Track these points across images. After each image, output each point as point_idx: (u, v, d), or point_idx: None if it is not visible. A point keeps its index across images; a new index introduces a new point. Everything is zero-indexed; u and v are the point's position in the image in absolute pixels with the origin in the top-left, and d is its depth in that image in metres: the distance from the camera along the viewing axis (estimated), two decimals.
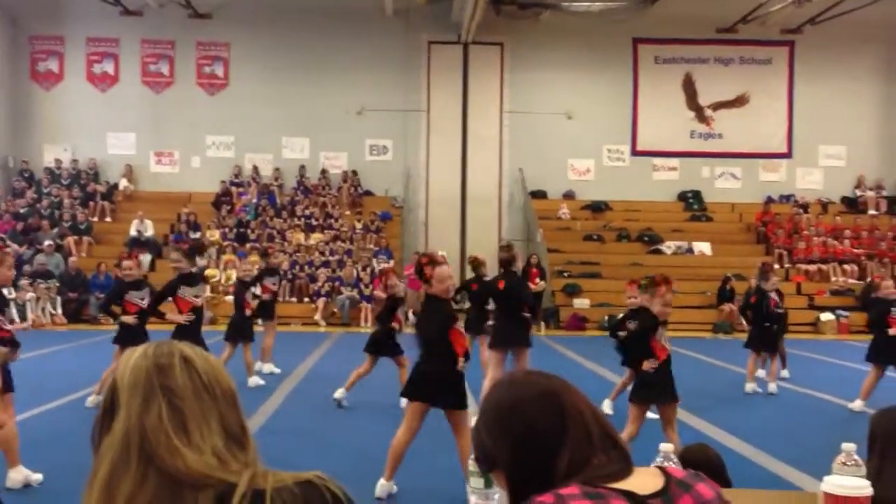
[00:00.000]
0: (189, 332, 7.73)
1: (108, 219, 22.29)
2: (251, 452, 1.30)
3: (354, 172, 23.31)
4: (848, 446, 2.44)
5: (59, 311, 18.85)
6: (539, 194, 23.31)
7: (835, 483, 2.24)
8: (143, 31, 23.07)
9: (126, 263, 8.99)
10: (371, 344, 9.04)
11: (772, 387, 10.27)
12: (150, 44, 23.28)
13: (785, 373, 11.37)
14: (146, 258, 20.91)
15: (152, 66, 23.37)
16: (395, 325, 8.97)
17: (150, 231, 21.44)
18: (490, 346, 8.79)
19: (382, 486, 5.60)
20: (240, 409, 1.34)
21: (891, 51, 23.64)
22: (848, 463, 2.41)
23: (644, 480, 1.42)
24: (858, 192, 23.75)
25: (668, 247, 21.88)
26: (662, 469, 1.48)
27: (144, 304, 8.48)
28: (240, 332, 10.43)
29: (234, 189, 22.89)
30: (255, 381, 10.20)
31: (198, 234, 21.32)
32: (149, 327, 8.51)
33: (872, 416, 3.33)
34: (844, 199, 23.78)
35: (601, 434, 1.45)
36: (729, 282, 19.16)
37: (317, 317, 19.18)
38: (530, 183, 23.24)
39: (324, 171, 23.26)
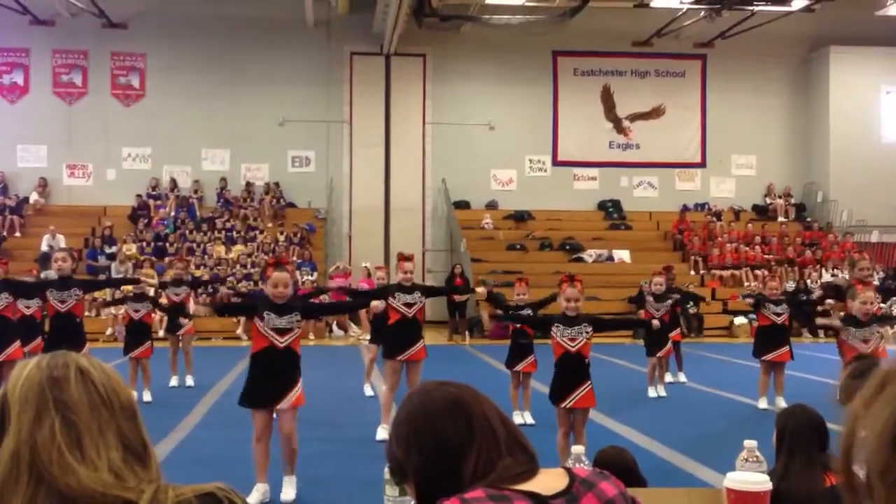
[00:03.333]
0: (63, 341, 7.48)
1: (17, 234, 21.51)
2: (153, 468, 1.25)
3: (276, 184, 23.05)
4: (749, 443, 2.55)
5: None
6: (462, 204, 23.47)
7: (737, 479, 2.33)
8: (55, 40, 22.39)
9: None
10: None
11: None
12: (61, 54, 22.61)
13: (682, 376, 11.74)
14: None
15: (64, 77, 22.69)
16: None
17: (62, 246, 20.74)
18: (386, 355, 8.79)
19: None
20: (140, 422, 1.29)
21: (795, 63, 24.67)
22: (749, 459, 2.51)
23: (548, 481, 1.47)
24: (768, 200, 24.66)
25: (590, 255, 22.29)
26: (567, 469, 1.53)
27: None
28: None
29: (151, 202, 22.37)
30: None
31: (114, 249, 20.76)
32: None
33: (778, 414, 3.47)
34: (755, 207, 24.65)
35: (508, 438, 1.50)
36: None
37: (238, 331, 18.85)
38: (453, 193, 23.38)
39: (248, 184, 22.95)
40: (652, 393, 10.54)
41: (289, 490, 5.95)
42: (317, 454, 7.03)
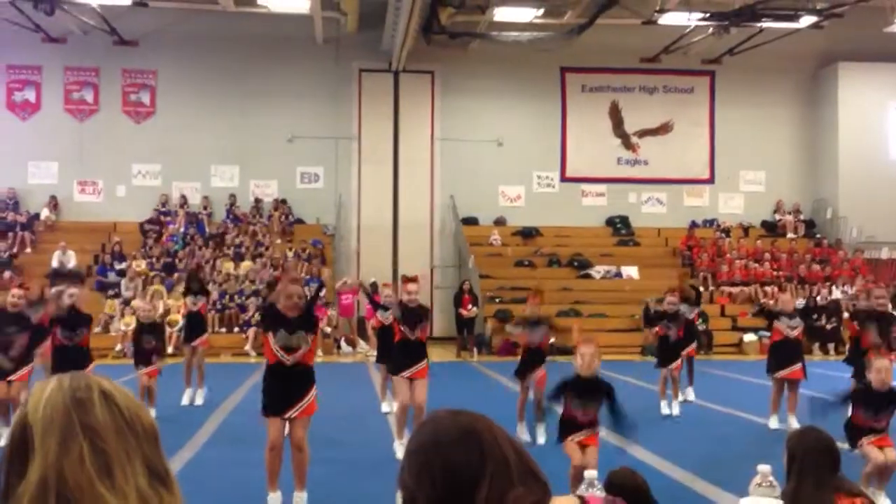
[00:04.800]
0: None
1: (28, 250, 21.62)
2: (176, 493, 1.23)
3: (284, 201, 23.12)
4: (763, 468, 2.54)
5: None
6: (470, 221, 23.48)
7: None
8: (67, 58, 22.58)
9: (15, 292, 8.48)
10: None
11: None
12: (73, 71, 22.79)
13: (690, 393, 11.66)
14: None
15: (76, 94, 22.86)
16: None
17: (72, 262, 20.84)
18: (392, 372, 8.79)
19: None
20: (161, 446, 1.27)
21: (803, 80, 24.67)
22: (763, 484, 2.50)
23: None
24: (777, 216, 24.60)
25: (598, 271, 22.26)
26: (581, 498, 1.52)
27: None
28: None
29: (161, 218, 22.47)
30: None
31: (123, 265, 20.84)
32: None
33: (789, 436, 3.45)
34: (764, 223, 24.58)
35: (520, 467, 1.48)
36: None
37: (247, 347, 18.87)
38: (462, 209, 23.40)
39: (257, 200, 23.03)
40: (665, 410, 10.47)
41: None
42: (326, 472, 7.01)
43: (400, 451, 7.69)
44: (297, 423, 6.05)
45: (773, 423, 9.48)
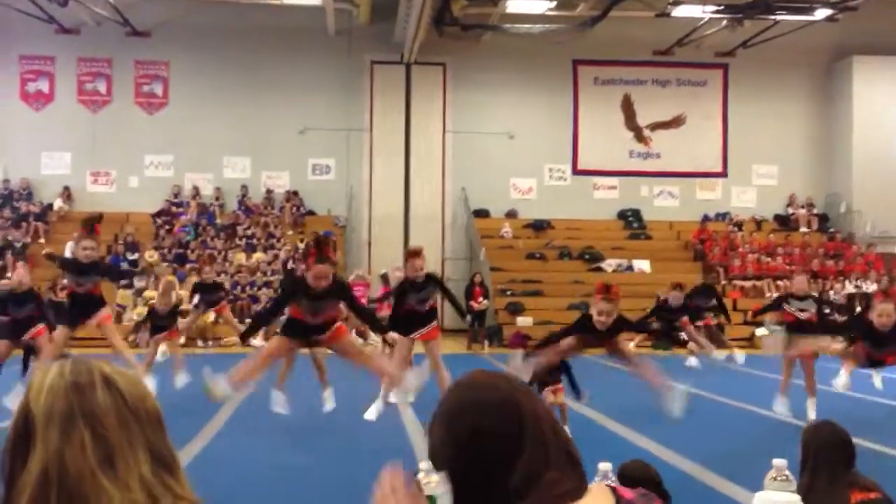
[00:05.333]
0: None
1: (41, 240, 21.73)
2: (183, 480, 1.19)
3: (296, 193, 23.15)
4: (779, 462, 2.52)
5: None
6: (482, 213, 23.46)
7: (766, 498, 2.32)
8: (80, 49, 22.65)
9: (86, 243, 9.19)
10: None
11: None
12: (86, 62, 22.86)
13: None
14: None
15: (89, 85, 22.94)
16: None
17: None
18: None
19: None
20: (166, 431, 1.23)
21: (818, 73, 24.50)
22: (779, 478, 2.49)
23: (596, 502, 1.36)
24: (790, 210, 24.48)
25: (609, 264, 22.21)
26: (613, 489, 1.42)
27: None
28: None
29: (173, 209, 22.56)
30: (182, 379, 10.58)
31: (136, 255, 20.93)
32: None
33: (804, 429, 3.44)
34: (777, 217, 24.46)
35: (558, 449, 1.37)
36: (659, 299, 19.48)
37: (257, 341, 18.89)
38: (473, 202, 23.38)
39: (269, 192, 23.08)
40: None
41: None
42: (332, 460, 7.03)
43: (373, 412, 8.31)
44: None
45: (779, 407, 9.02)
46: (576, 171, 24.16)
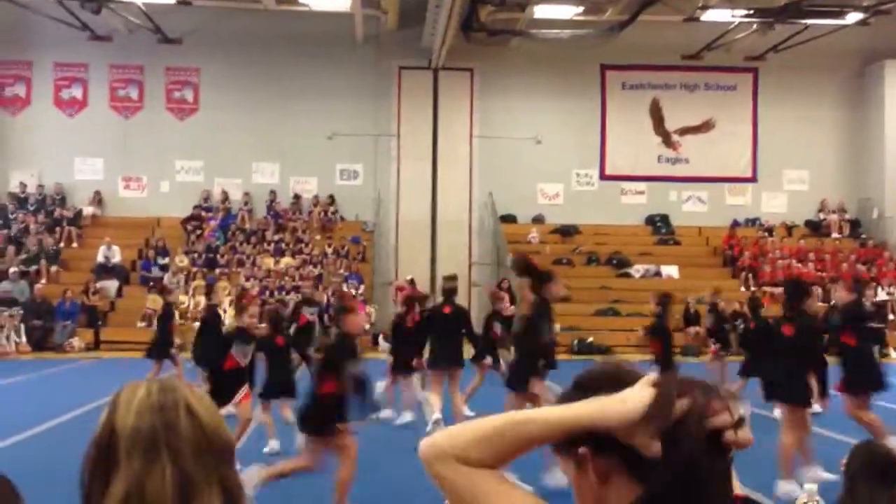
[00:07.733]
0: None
1: (74, 244, 22.06)
2: None
3: (331, 197, 23.24)
4: (809, 486, 2.52)
5: (24, 339, 18.57)
6: (509, 218, 23.45)
7: None
8: (112, 56, 22.97)
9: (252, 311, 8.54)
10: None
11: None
12: (118, 69, 23.18)
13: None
14: (113, 284, 20.77)
15: (121, 91, 23.25)
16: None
17: (117, 257, 21.25)
18: (429, 366, 9.50)
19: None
20: (235, 464, 1.24)
21: (849, 77, 24.21)
22: (809, 502, 2.48)
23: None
24: (822, 216, 24.19)
25: (637, 270, 22.10)
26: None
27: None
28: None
29: (203, 214, 22.79)
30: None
31: (166, 260, 21.18)
32: None
33: (851, 448, 3.42)
34: (808, 223, 24.19)
35: None
36: (690, 305, 19.32)
37: None
38: (500, 207, 23.37)
39: (297, 197, 23.24)
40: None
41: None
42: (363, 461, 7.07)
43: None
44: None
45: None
46: (603, 177, 24.06)
